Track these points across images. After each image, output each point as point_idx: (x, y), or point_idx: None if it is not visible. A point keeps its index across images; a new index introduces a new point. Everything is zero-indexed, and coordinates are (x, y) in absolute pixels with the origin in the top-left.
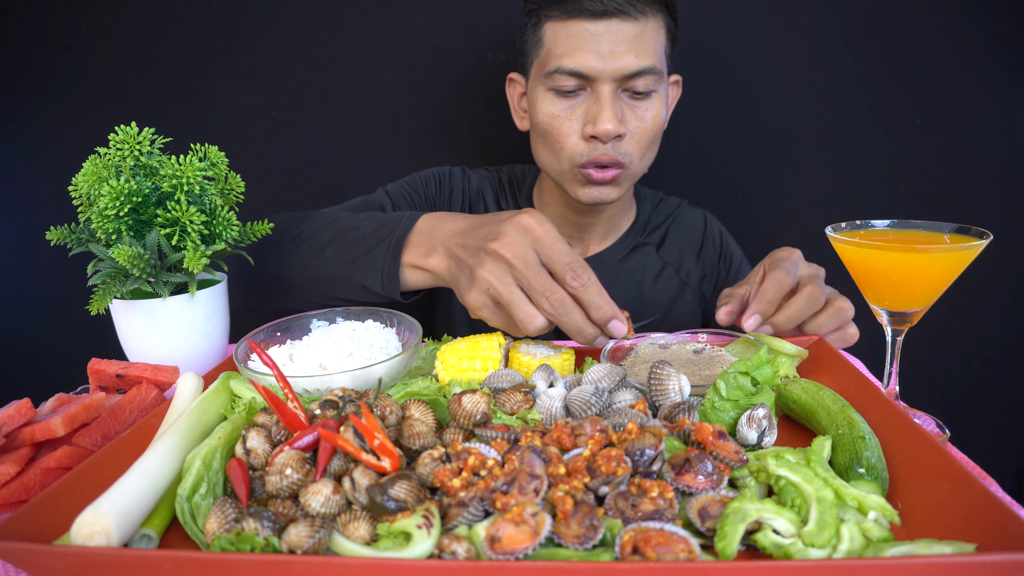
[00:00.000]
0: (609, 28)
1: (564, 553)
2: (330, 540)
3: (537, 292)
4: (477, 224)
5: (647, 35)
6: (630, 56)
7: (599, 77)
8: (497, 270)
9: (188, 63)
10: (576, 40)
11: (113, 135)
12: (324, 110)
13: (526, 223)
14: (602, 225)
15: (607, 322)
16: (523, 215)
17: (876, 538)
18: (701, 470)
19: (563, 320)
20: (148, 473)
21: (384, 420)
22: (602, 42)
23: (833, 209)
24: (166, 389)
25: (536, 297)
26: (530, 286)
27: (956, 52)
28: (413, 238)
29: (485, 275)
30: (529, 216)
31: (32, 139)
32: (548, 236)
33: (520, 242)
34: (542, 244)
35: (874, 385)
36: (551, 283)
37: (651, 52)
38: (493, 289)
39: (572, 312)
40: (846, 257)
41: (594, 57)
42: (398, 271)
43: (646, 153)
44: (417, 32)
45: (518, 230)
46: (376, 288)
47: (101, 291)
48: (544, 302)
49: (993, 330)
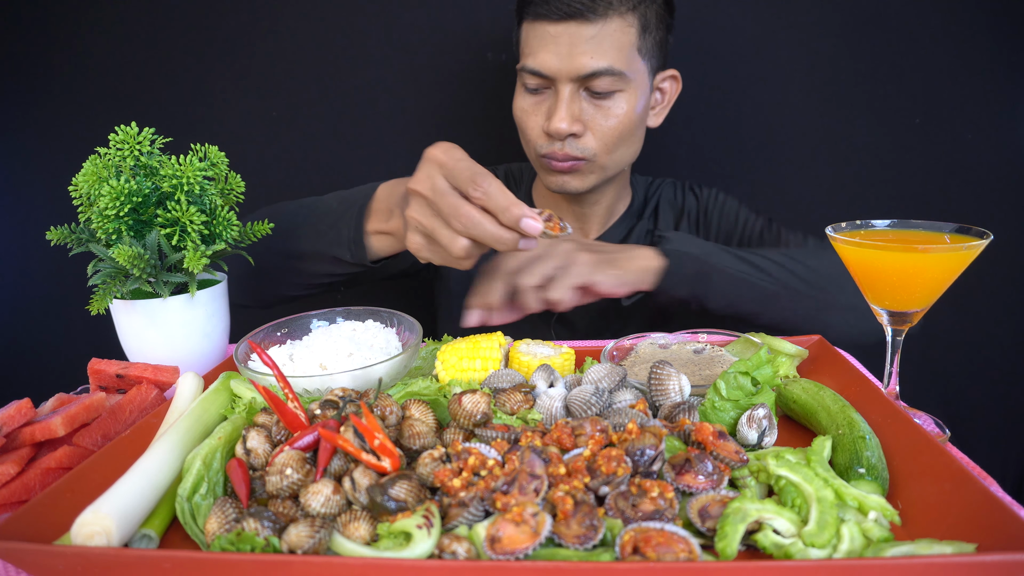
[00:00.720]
0: (568, 30)
1: (564, 553)
2: (330, 540)
3: (448, 215)
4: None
5: (607, 36)
6: (586, 57)
7: (558, 77)
8: (417, 207)
9: (188, 63)
10: (539, 41)
11: (113, 135)
12: (324, 110)
13: (432, 155)
14: (599, 214)
15: (517, 222)
16: (431, 149)
17: (876, 538)
18: (701, 470)
19: (476, 233)
20: (148, 473)
21: (384, 420)
22: (561, 43)
23: (833, 209)
24: (166, 389)
25: (449, 221)
26: (442, 211)
27: (956, 52)
28: (374, 206)
29: (410, 214)
30: (435, 148)
31: (32, 139)
32: (451, 159)
33: (430, 174)
34: (447, 168)
35: (874, 385)
36: (457, 202)
37: (611, 52)
38: (418, 224)
39: (481, 223)
40: (846, 257)
41: (553, 58)
42: (363, 238)
43: (616, 149)
44: (417, 32)
45: (427, 163)
46: (345, 256)
47: (101, 291)
48: (455, 223)
49: (993, 330)
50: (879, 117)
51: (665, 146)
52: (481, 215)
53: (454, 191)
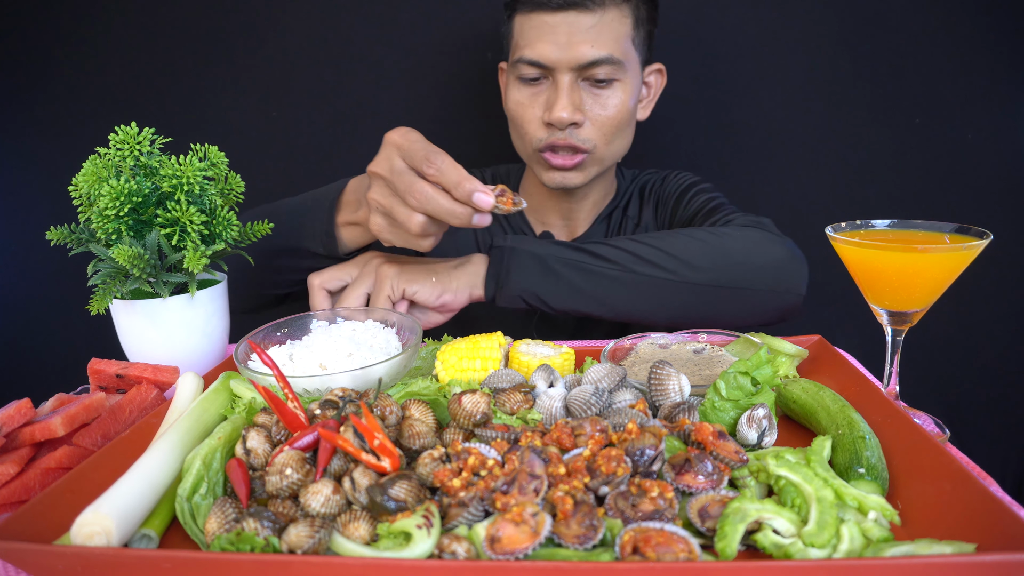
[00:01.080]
0: (567, 19)
1: (564, 553)
2: (330, 540)
3: (403, 193)
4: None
5: (605, 26)
6: (586, 46)
7: (557, 66)
8: (377, 188)
9: (188, 63)
10: (537, 31)
11: (113, 135)
12: (324, 110)
13: (390, 138)
14: (586, 211)
15: (469, 197)
16: (389, 133)
17: (876, 538)
18: (701, 470)
19: (431, 208)
20: (148, 473)
21: (384, 420)
22: (560, 33)
23: (833, 209)
24: (166, 389)
25: (405, 198)
26: (398, 190)
27: (956, 52)
28: (344, 199)
29: (371, 196)
30: (393, 132)
31: (32, 139)
32: (407, 140)
33: (387, 156)
34: (403, 149)
35: (874, 385)
36: (411, 180)
37: (609, 42)
38: (378, 204)
39: (435, 198)
40: (846, 257)
41: (552, 48)
42: (335, 231)
43: (613, 140)
44: (417, 32)
45: (385, 147)
46: (318, 249)
47: (101, 291)
48: (410, 199)
49: (993, 330)
50: (879, 117)
51: (665, 146)
52: (434, 191)
53: (410, 170)
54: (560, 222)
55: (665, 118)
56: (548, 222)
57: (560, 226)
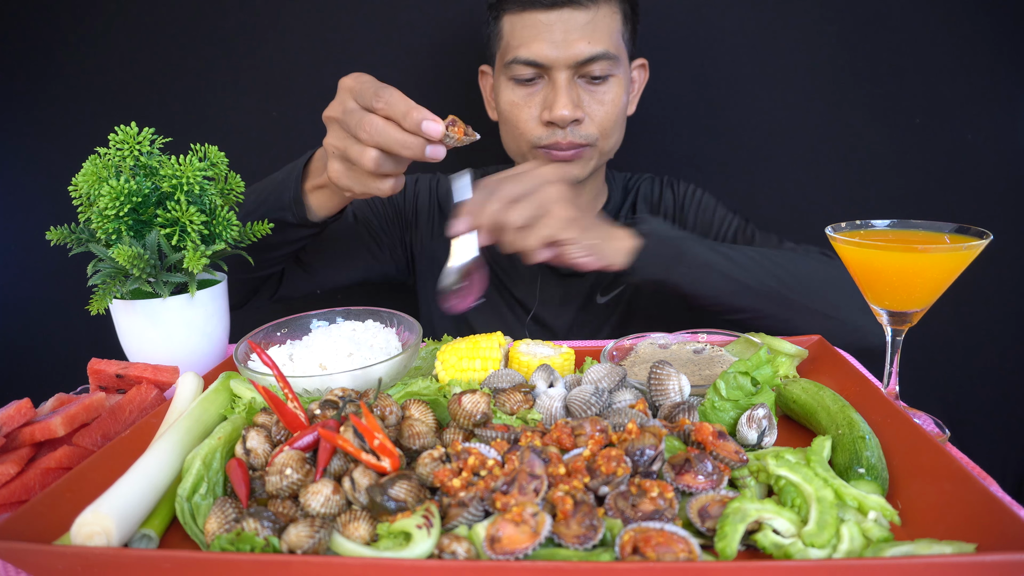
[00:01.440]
0: (562, 17)
1: (564, 553)
2: (330, 540)
3: (355, 129)
4: None
5: (600, 22)
6: (583, 43)
7: (554, 65)
8: (332, 132)
9: (188, 63)
10: (531, 31)
11: (113, 135)
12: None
13: (342, 83)
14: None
15: (418, 126)
16: (343, 79)
17: (876, 538)
18: (701, 470)
19: (382, 141)
20: (148, 473)
21: (384, 420)
22: (555, 31)
23: (833, 209)
24: (166, 389)
25: (357, 135)
26: (350, 128)
27: (956, 52)
28: (312, 166)
29: (327, 141)
30: (346, 77)
31: (32, 139)
32: (359, 82)
33: (340, 100)
34: (354, 91)
35: (874, 385)
36: (361, 115)
37: (605, 38)
38: (334, 148)
39: (385, 130)
40: (846, 257)
41: (548, 46)
42: (303, 197)
43: (611, 135)
44: (417, 32)
45: (339, 92)
46: (288, 218)
47: (101, 291)
48: (362, 135)
49: (993, 330)
50: (879, 117)
51: (664, 145)
52: (385, 123)
53: (361, 108)
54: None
55: (665, 118)
56: None
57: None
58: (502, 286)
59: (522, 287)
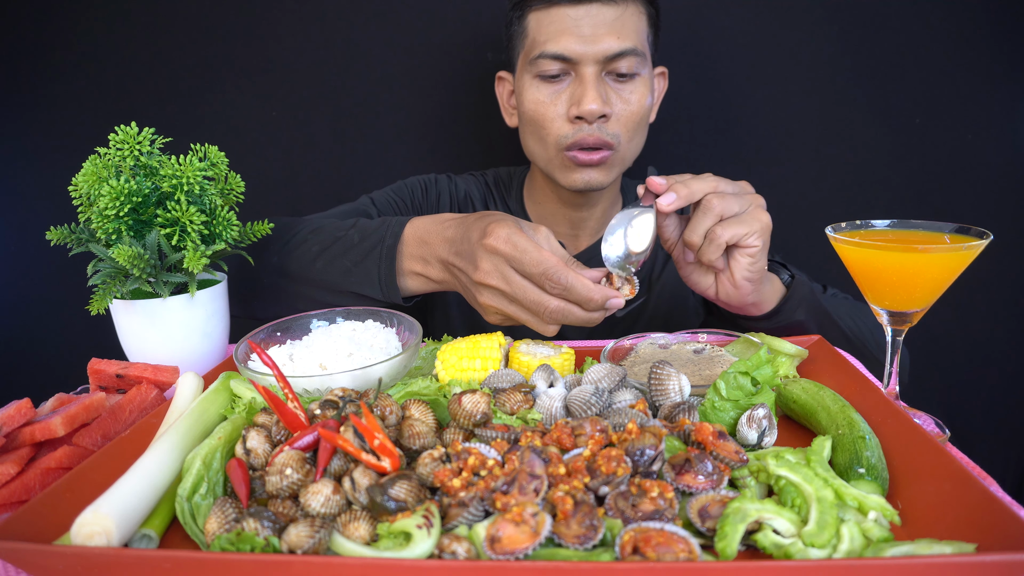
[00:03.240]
0: (590, 12)
1: (564, 553)
2: (330, 540)
3: (532, 312)
4: (461, 235)
5: (628, 18)
6: (611, 38)
7: (582, 60)
8: (493, 296)
9: (188, 63)
10: (558, 25)
11: (113, 135)
12: (324, 110)
13: (492, 246)
14: (595, 220)
15: (603, 306)
16: (487, 238)
17: (876, 538)
18: (701, 470)
19: (568, 321)
20: (148, 473)
21: (384, 420)
22: (583, 26)
23: (833, 209)
24: (166, 389)
25: (538, 314)
26: (525, 305)
27: (956, 52)
28: (405, 250)
29: (486, 302)
30: (492, 238)
31: (32, 139)
32: (516, 250)
33: (496, 266)
34: (514, 261)
35: (874, 385)
36: (539, 297)
37: (632, 34)
38: (500, 314)
39: (571, 312)
40: (846, 257)
41: (576, 40)
42: (395, 279)
43: (634, 137)
44: (417, 32)
45: (488, 256)
46: (376, 295)
47: (101, 291)
48: (544, 315)
49: (993, 330)
50: (879, 117)
51: (665, 146)
52: (567, 306)
53: (528, 283)
54: (568, 231)
55: (665, 118)
56: (556, 231)
57: (568, 235)
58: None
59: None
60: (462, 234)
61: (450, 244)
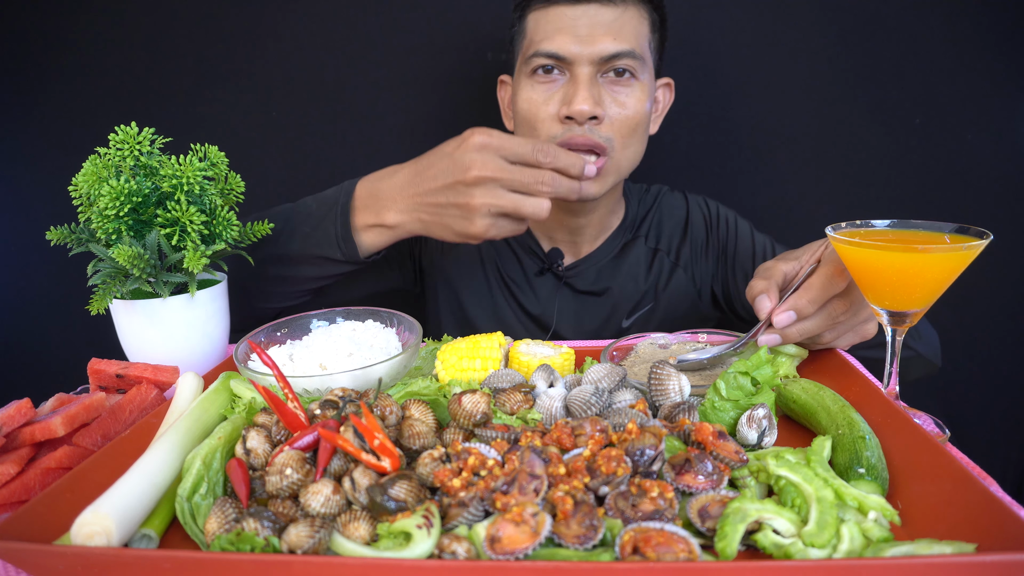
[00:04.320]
0: (587, 12)
1: (564, 553)
2: (330, 540)
3: (531, 185)
4: (422, 169)
5: (626, 20)
6: (608, 39)
7: (576, 60)
8: (489, 191)
9: (188, 63)
10: (555, 24)
11: (113, 135)
12: (324, 110)
13: (480, 142)
14: (593, 226)
15: (583, 171)
16: (470, 139)
17: (876, 538)
18: (701, 470)
19: (560, 190)
20: (148, 473)
21: (384, 420)
22: (580, 26)
23: (833, 209)
24: (166, 389)
25: (533, 188)
26: (522, 184)
27: (956, 52)
28: (357, 203)
29: (481, 201)
30: (476, 137)
31: (32, 139)
32: (501, 139)
33: (488, 160)
34: (504, 150)
35: (874, 385)
36: (536, 172)
37: (631, 37)
38: (495, 207)
39: (561, 183)
40: (846, 257)
41: (571, 40)
42: (351, 235)
43: (629, 143)
44: (417, 32)
45: (479, 151)
46: (335, 255)
47: (101, 291)
48: (542, 187)
49: (993, 330)
50: (879, 117)
51: (665, 147)
52: (559, 175)
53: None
54: (567, 238)
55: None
56: (555, 238)
57: (567, 242)
58: (516, 303)
59: (537, 305)
60: (421, 170)
61: (407, 184)
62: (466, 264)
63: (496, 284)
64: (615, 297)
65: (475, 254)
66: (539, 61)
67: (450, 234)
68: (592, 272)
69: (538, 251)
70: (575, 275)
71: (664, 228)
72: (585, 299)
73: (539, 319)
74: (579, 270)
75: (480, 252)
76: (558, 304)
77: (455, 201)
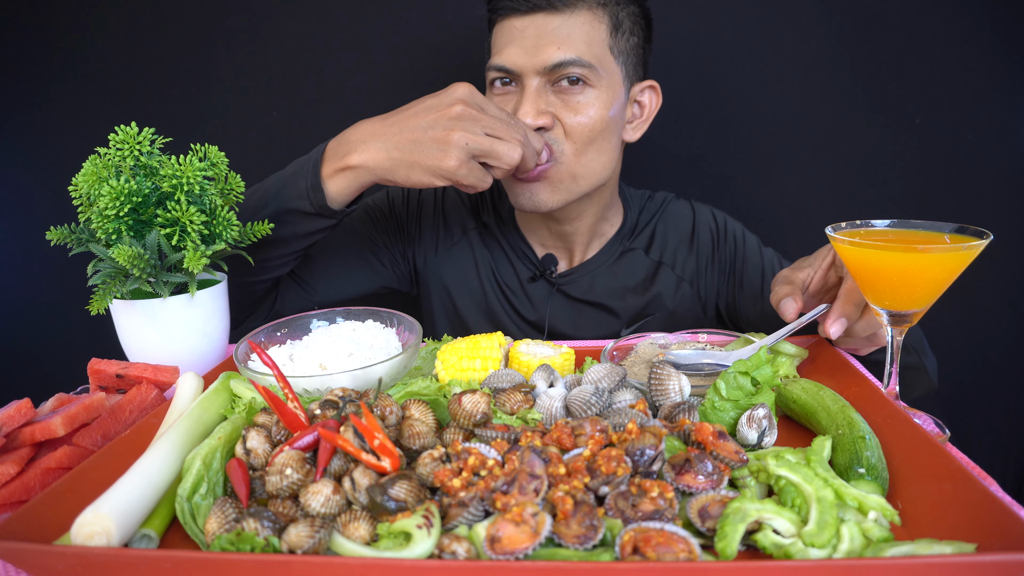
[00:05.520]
0: (534, 22)
1: (564, 553)
2: (330, 540)
3: (507, 132)
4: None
5: (575, 28)
6: (552, 48)
7: (523, 71)
8: (468, 128)
9: (187, 63)
10: (507, 37)
11: (113, 135)
12: (324, 110)
13: (466, 89)
14: (582, 233)
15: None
16: (456, 86)
17: (876, 538)
18: (701, 470)
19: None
20: (148, 473)
21: (384, 420)
22: (527, 36)
23: (833, 209)
24: (166, 389)
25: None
26: (499, 131)
27: (956, 52)
28: (327, 155)
29: (460, 134)
30: (462, 86)
31: (32, 139)
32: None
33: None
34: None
35: (874, 385)
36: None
37: (580, 45)
38: (472, 142)
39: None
40: (846, 257)
41: (519, 52)
42: (320, 184)
43: (586, 151)
44: (417, 33)
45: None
46: (305, 207)
47: (101, 291)
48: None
49: (993, 330)
50: (879, 117)
51: (665, 147)
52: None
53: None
54: (558, 244)
55: (665, 118)
56: (547, 244)
57: (560, 248)
58: (512, 308)
59: (533, 311)
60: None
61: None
62: (460, 267)
63: (491, 289)
64: (608, 306)
65: (469, 256)
66: (492, 75)
67: (418, 171)
68: (586, 280)
69: (532, 256)
70: (568, 282)
71: (669, 239)
72: (582, 307)
73: (536, 324)
74: (572, 277)
75: (474, 255)
76: (551, 310)
77: (434, 135)
